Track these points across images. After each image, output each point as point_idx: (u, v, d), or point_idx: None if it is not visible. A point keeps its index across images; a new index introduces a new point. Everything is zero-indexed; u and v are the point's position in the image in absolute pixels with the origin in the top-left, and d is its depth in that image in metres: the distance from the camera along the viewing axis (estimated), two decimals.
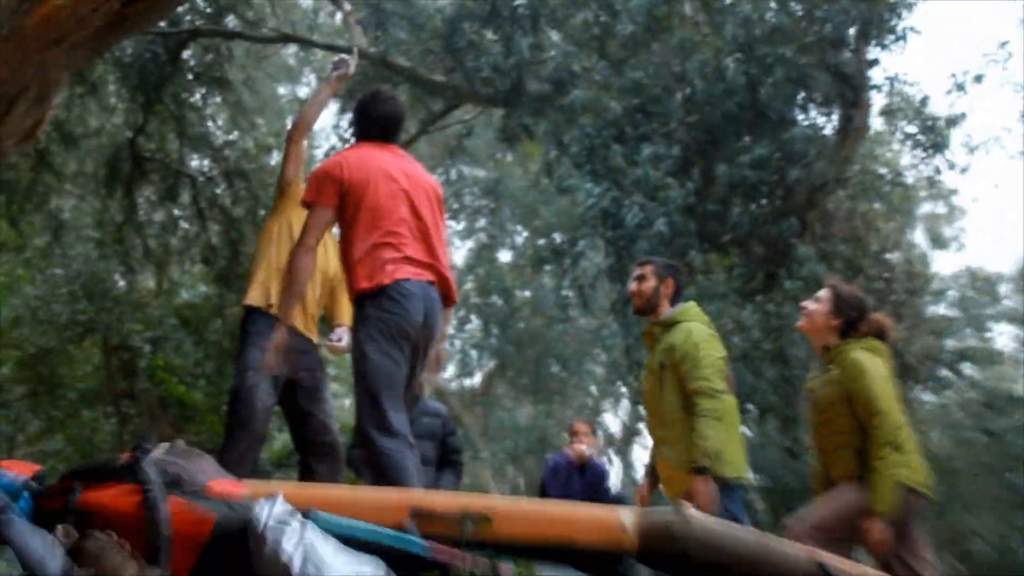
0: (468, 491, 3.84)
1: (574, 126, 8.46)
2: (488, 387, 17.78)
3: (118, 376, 9.49)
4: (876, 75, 8.67)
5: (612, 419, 18.91)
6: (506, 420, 16.43)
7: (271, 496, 2.16)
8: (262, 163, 10.44)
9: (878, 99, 9.22)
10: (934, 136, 8.89)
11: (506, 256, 17.53)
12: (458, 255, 17.01)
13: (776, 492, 10.04)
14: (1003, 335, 16.34)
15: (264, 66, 12.85)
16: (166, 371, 9.12)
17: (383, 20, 9.62)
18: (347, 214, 3.14)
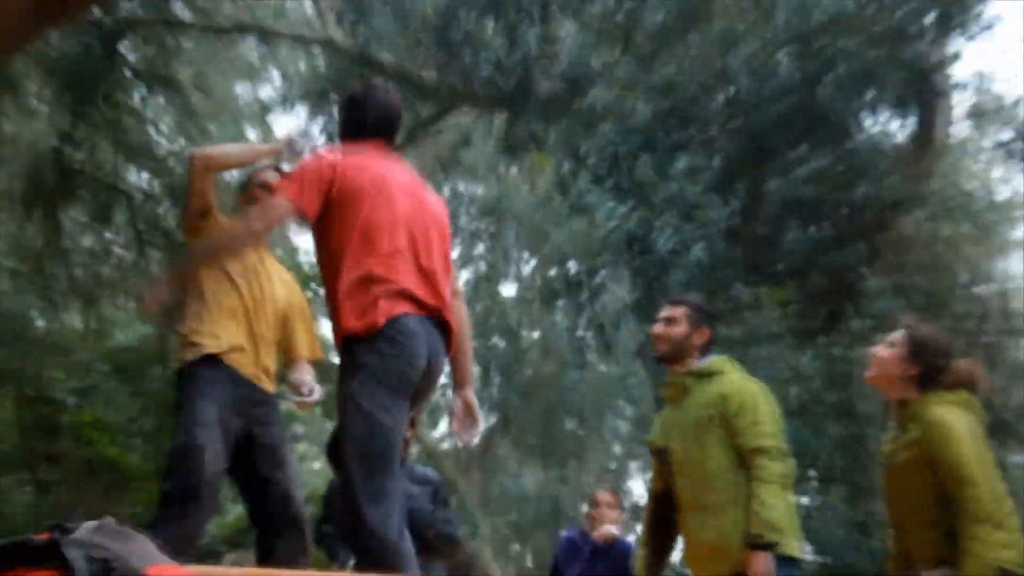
0: None
1: (593, 133, 8.53)
2: (488, 447, 17.70)
3: (35, 435, 9.46)
4: (959, 72, 8.77)
5: (639, 485, 18.81)
6: (510, 487, 16.33)
7: None
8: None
9: (962, 100, 9.29)
10: None
11: (510, 289, 17.53)
12: None
13: (839, 574, 9.97)
14: None
15: (218, 62, 12.98)
16: (95, 428, 9.09)
17: (363, 6, 9.75)
18: (332, 232, 3.08)
